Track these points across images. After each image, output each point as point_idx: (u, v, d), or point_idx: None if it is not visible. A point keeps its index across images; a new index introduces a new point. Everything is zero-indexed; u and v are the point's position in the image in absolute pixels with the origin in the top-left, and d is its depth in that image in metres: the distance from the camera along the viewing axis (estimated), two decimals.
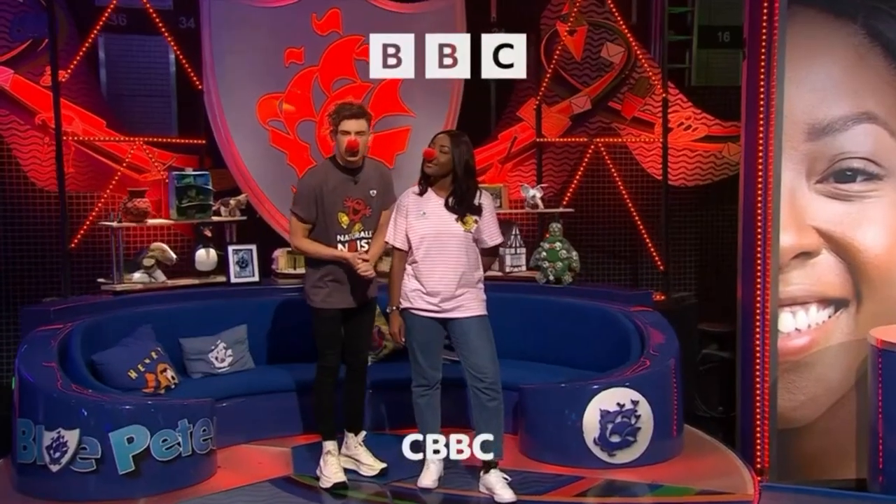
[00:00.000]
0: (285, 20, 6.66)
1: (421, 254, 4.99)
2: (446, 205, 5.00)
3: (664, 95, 7.11)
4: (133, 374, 5.44)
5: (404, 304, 5.07)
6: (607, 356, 5.80)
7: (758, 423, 6.08)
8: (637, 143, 7.58)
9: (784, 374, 6.05)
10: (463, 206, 4.99)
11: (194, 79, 6.71)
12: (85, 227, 6.45)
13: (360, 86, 6.81)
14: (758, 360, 6.03)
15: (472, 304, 5.04)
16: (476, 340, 5.01)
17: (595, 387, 5.36)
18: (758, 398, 6.06)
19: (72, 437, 4.80)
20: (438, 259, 4.98)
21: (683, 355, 5.83)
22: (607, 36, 7.56)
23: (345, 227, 5.11)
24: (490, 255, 5.23)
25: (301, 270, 6.00)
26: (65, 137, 6.36)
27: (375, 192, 5.18)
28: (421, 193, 5.04)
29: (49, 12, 6.24)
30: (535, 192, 6.89)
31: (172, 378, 5.59)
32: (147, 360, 5.53)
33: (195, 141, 6.87)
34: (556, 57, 7.43)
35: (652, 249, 7.31)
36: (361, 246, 5.17)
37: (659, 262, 7.24)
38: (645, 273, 7.77)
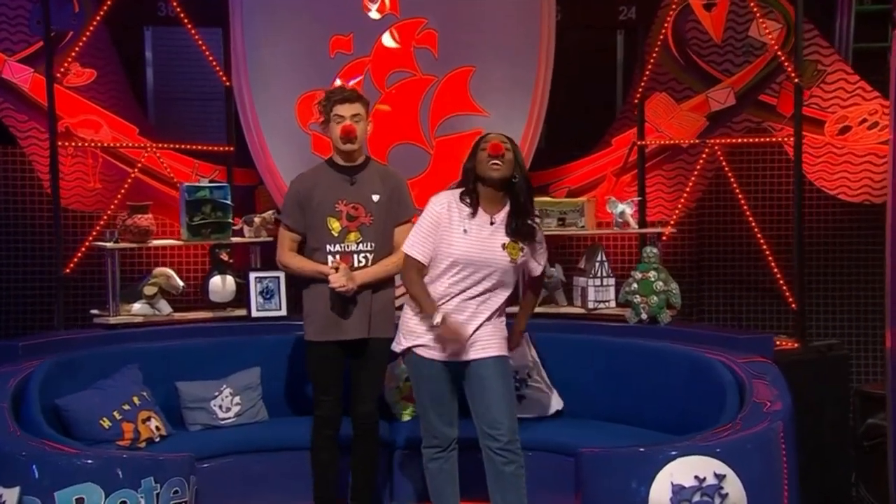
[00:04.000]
0: (331, 2, 6.63)
1: (446, 283, 4.76)
2: (493, 224, 4.78)
3: (796, 81, 6.57)
4: (106, 423, 5.43)
5: (409, 342, 4.87)
6: (695, 416, 5.40)
7: None
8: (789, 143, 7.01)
9: None
10: (521, 225, 4.78)
11: (221, 74, 6.78)
12: (82, 249, 6.57)
13: (420, 79, 6.69)
14: None
15: (492, 341, 4.81)
16: (492, 388, 4.76)
17: (672, 452, 4.89)
18: None
19: (10, 496, 4.77)
20: (471, 293, 4.77)
21: (817, 421, 5.40)
22: (758, 9, 7.06)
23: (336, 234, 5.07)
24: (538, 285, 5.12)
25: None
26: (62, 144, 6.54)
27: (380, 197, 5.10)
28: (473, 212, 4.79)
29: None
30: (624, 208, 6.54)
31: (157, 429, 5.57)
32: (126, 407, 5.51)
33: (220, 148, 6.92)
34: (659, 40, 7.07)
35: (782, 283, 6.79)
36: (359, 261, 5.08)
37: (790, 299, 6.67)
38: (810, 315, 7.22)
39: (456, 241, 4.75)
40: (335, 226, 5.07)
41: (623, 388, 5.95)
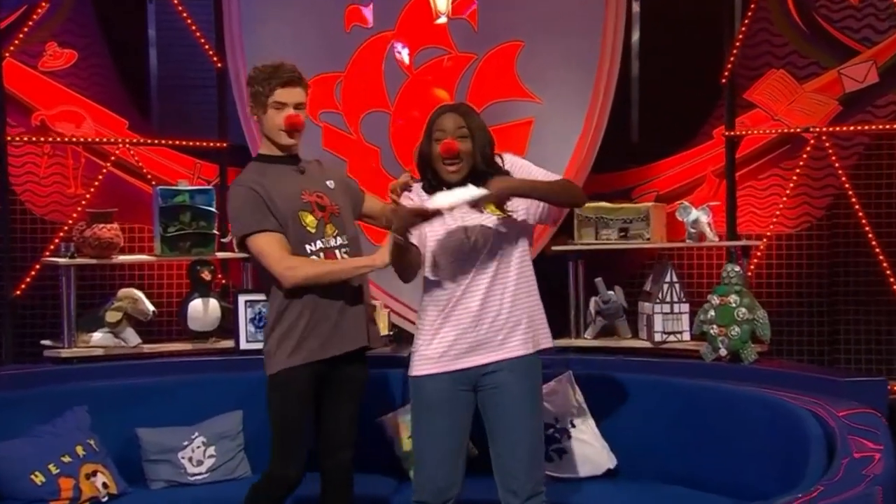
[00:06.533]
0: None
1: (439, 277, 4.52)
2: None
3: None
4: (39, 479, 5.26)
5: (413, 360, 4.60)
6: (775, 478, 5.05)
7: None
8: None
9: None
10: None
11: (212, 55, 6.72)
12: (35, 266, 6.49)
13: (457, 57, 6.61)
14: None
15: (514, 334, 4.47)
16: (512, 409, 4.45)
17: None
18: None
19: None
20: (471, 278, 4.48)
21: None
22: None
23: (313, 230, 4.82)
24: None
25: None
26: (16, 139, 6.52)
27: (334, 184, 4.94)
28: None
29: None
30: (698, 215, 6.23)
31: (105, 486, 5.40)
32: (66, 459, 5.34)
33: (212, 143, 6.85)
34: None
35: None
36: (343, 257, 4.84)
37: None
38: None
39: (431, 227, 4.48)
40: (310, 220, 4.79)
41: (691, 442, 5.60)
